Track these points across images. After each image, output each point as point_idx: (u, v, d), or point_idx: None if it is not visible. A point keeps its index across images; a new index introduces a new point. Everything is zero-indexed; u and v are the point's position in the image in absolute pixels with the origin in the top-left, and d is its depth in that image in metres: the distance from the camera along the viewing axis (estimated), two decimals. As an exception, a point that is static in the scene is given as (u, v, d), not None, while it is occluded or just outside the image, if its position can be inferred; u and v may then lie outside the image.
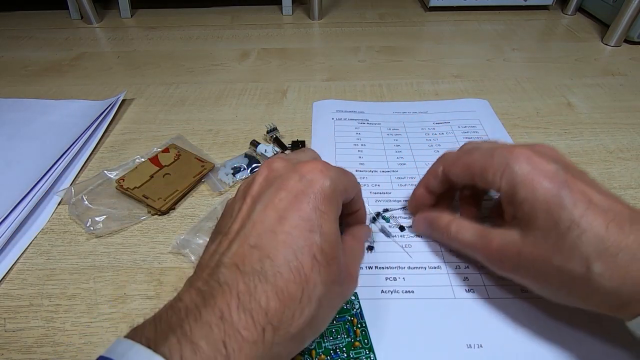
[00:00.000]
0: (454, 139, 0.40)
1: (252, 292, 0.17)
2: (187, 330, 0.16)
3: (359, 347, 0.23)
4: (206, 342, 0.16)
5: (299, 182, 0.20)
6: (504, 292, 0.27)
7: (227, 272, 0.18)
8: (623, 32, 0.58)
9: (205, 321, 0.16)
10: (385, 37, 0.65)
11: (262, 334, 0.17)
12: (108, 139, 0.42)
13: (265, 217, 0.19)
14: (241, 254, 0.19)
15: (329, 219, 0.20)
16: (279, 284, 0.17)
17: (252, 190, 0.22)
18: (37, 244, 0.31)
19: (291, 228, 0.19)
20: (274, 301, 0.17)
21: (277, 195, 0.20)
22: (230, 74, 0.54)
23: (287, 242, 0.18)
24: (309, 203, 0.20)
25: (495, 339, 0.24)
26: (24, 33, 0.68)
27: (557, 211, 0.20)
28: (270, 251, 0.18)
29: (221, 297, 0.17)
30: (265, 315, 0.17)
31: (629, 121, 0.43)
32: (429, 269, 0.28)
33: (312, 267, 0.18)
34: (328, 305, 0.20)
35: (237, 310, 0.17)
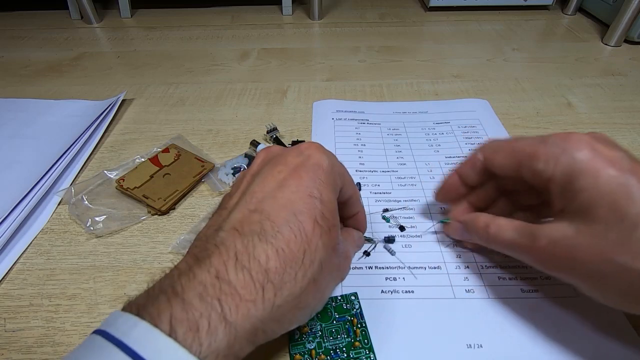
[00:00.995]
0: (454, 139, 0.40)
1: (251, 251, 0.17)
2: (179, 289, 0.16)
3: (359, 347, 0.23)
4: (199, 299, 0.15)
5: (297, 157, 0.21)
6: (504, 292, 0.27)
7: (225, 235, 0.18)
8: (623, 32, 0.58)
9: (199, 280, 0.16)
10: (385, 37, 0.65)
11: (261, 293, 0.16)
12: (108, 139, 0.42)
13: (265, 186, 0.19)
14: (240, 219, 0.18)
15: (328, 189, 0.20)
16: (279, 243, 0.17)
17: (251, 170, 0.22)
18: (37, 244, 0.31)
19: (291, 193, 0.19)
20: (275, 260, 0.17)
21: (276, 168, 0.20)
22: (230, 74, 0.54)
23: (287, 206, 0.18)
24: (307, 173, 0.20)
25: (495, 339, 0.24)
26: (24, 33, 0.68)
27: (624, 203, 0.18)
28: (270, 213, 0.18)
29: (217, 257, 0.17)
30: (266, 274, 0.16)
31: (629, 121, 0.43)
32: (429, 269, 0.28)
33: (313, 229, 0.18)
34: (328, 275, 0.20)
35: (235, 269, 0.16)
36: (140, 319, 0.15)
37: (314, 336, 0.24)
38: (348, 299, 0.26)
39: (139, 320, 0.15)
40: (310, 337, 0.24)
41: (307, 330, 0.24)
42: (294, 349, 0.23)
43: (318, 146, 0.22)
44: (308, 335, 0.24)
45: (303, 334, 0.24)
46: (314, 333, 0.24)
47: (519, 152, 0.23)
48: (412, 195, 0.34)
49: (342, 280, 0.23)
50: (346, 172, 0.23)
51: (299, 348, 0.24)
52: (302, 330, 0.24)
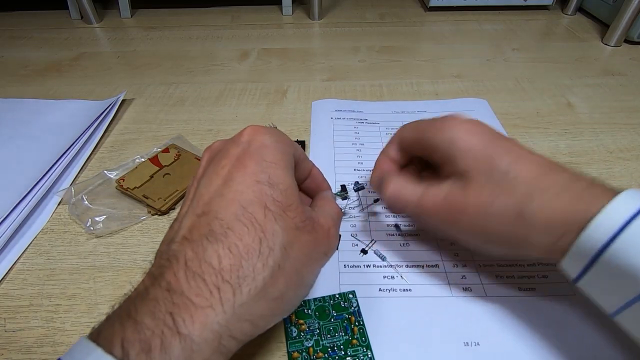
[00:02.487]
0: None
1: (201, 256, 0.16)
2: (132, 311, 0.15)
3: (356, 345, 0.24)
4: (151, 317, 0.15)
5: (237, 147, 0.20)
6: (502, 290, 0.27)
7: (176, 246, 0.17)
8: (623, 32, 0.58)
9: (151, 298, 0.15)
10: (385, 37, 0.65)
11: (218, 296, 0.16)
12: (108, 139, 0.42)
13: (210, 186, 0.19)
14: (189, 226, 0.18)
15: (278, 167, 0.19)
16: (231, 240, 0.17)
17: (197, 174, 0.21)
18: (37, 244, 0.31)
19: (237, 185, 0.18)
20: (228, 258, 0.16)
21: (220, 163, 0.20)
22: (230, 74, 0.54)
23: (234, 199, 0.18)
24: (251, 158, 0.19)
25: (492, 337, 0.24)
26: (24, 33, 0.68)
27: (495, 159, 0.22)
28: (218, 212, 0.18)
29: (168, 271, 0.16)
30: (220, 275, 0.16)
31: (629, 121, 0.43)
32: (427, 267, 0.28)
33: (265, 216, 0.18)
34: (300, 256, 0.19)
35: (186, 278, 0.16)
36: (96, 346, 0.14)
37: (312, 334, 0.24)
38: (346, 297, 0.26)
39: (94, 347, 0.14)
40: (308, 334, 0.24)
41: (305, 328, 0.24)
42: (291, 347, 0.24)
43: (256, 128, 0.21)
44: (306, 333, 0.24)
45: (301, 332, 0.24)
46: (312, 331, 0.24)
47: (419, 127, 0.26)
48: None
49: (327, 256, 0.21)
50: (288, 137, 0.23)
51: (296, 345, 0.24)
52: (300, 328, 0.24)
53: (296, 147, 0.23)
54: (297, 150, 0.23)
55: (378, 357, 0.23)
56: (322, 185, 0.27)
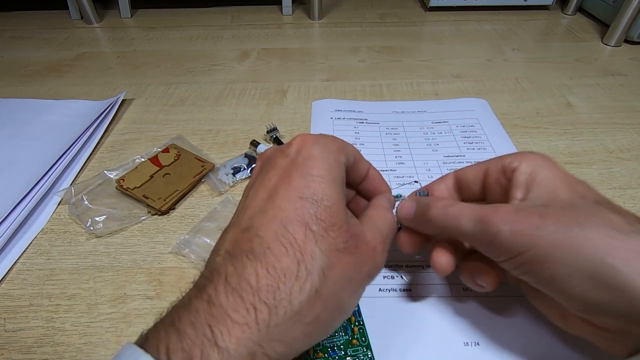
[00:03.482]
0: (452, 139, 0.40)
1: (241, 273, 0.16)
2: (176, 320, 0.16)
3: (356, 345, 0.24)
4: (192, 327, 0.15)
5: (285, 157, 0.20)
6: (501, 290, 0.27)
7: (219, 259, 0.18)
8: (623, 32, 0.58)
9: (193, 308, 0.16)
10: (385, 37, 0.65)
11: (254, 315, 0.16)
12: (108, 139, 0.42)
13: (256, 200, 0.19)
14: (233, 240, 0.18)
15: (324, 182, 0.19)
16: (269, 260, 0.16)
17: (249, 182, 0.21)
18: (37, 244, 0.31)
19: (280, 201, 0.18)
20: (265, 278, 0.16)
21: (267, 175, 0.20)
22: (230, 74, 0.54)
23: (276, 217, 0.17)
24: (297, 171, 0.19)
25: (492, 337, 0.24)
26: (24, 33, 0.68)
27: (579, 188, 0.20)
28: (259, 229, 0.17)
29: (210, 283, 0.16)
30: (257, 294, 0.16)
31: (629, 121, 0.43)
32: (427, 268, 0.28)
33: (305, 237, 0.17)
34: (340, 279, 0.18)
35: (225, 293, 0.16)
36: (144, 352, 0.15)
37: None
38: (347, 298, 0.26)
39: (142, 352, 0.15)
40: None
41: None
42: None
43: (305, 138, 0.20)
44: None
45: None
46: None
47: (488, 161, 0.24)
48: (411, 195, 0.34)
49: (372, 277, 0.20)
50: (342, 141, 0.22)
51: None
52: None
53: (348, 151, 0.22)
54: (350, 154, 0.22)
55: (378, 357, 0.23)
56: (380, 187, 0.25)
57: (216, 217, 0.32)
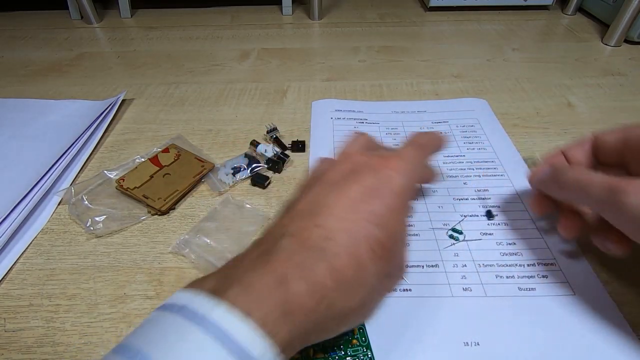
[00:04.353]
0: (452, 138, 0.40)
1: (312, 265, 0.18)
2: (251, 283, 0.17)
3: (356, 345, 0.24)
4: (268, 295, 0.17)
5: (373, 178, 0.21)
6: (501, 290, 0.27)
7: (291, 241, 0.19)
8: (623, 32, 0.58)
9: (267, 281, 0.17)
10: (385, 37, 0.65)
11: (317, 305, 0.17)
12: (108, 139, 0.42)
13: (336, 204, 0.20)
14: (306, 228, 0.19)
15: (397, 215, 0.21)
16: (336, 265, 0.18)
17: (328, 177, 0.22)
18: (37, 244, 0.31)
19: (357, 218, 0.19)
20: (330, 280, 0.18)
21: (351, 186, 0.21)
22: (230, 74, 0.54)
23: (350, 230, 0.19)
24: (379, 198, 0.20)
25: (492, 337, 0.24)
26: (24, 33, 0.68)
27: None
28: (333, 234, 0.19)
29: (283, 262, 0.18)
30: (322, 288, 0.18)
31: (629, 121, 0.43)
32: (427, 267, 0.28)
33: (368, 257, 0.19)
34: (378, 297, 0.21)
35: (298, 276, 0.17)
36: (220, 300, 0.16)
37: None
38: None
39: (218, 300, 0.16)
40: None
41: None
42: None
43: (397, 166, 0.22)
44: None
45: None
46: None
47: (628, 128, 0.24)
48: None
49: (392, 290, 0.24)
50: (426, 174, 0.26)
51: None
52: None
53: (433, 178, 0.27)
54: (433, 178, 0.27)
55: (378, 357, 0.23)
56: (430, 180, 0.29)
57: (216, 217, 0.32)
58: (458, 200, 0.33)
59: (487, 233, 0.31)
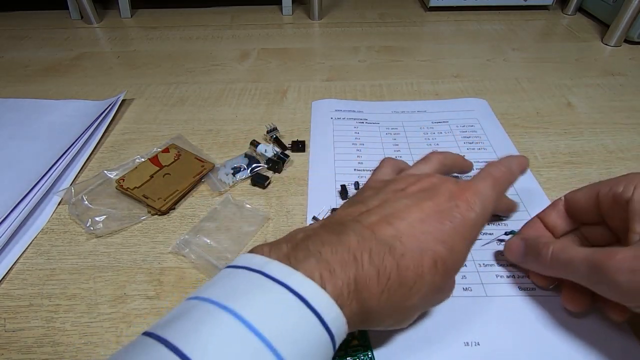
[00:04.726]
0: (452, 138, 0.40)
1: (381, 256, 0.19)
2: (325, 257, 0.18)
3: (357, 345, 0.24)
4: (341, 270, 0.18)
5: (447, 201, 0.21)
6: (502, 290, 0.27)
7: (362, 229, 0.20)
8: (623, 32, 0.58)
9: (340, 257, 0.18)
10: (385, 37, 0.65)
11: (381, 293, 0.18)
12: (108, 139, 0.42)
13: (409, 212, 0.21)
14: (378, 223, 0.20)
15: (463, 241, 0.21)
16: (401, 263, 0.19)
17: (407, 189, 0.23)
18: (37, 244, 0.31)
19: (427, 230, 0.20)
20: (395, 274, 0.19)
21: (426, 202, 0.21)
22: (230, 74, 0.54)
23: (419, 239, 0.20)
24: (450, 221, 0.21)
25: (492, 337, 0.24)
26: (24, 33, 0.68)
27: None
28: (402, 236, 0.20)
29: (356, 244, 0.19)
30: (387, 280, 0.19)
31: (629, 121, 0.43)
32: None
33: (429, 269, 0.19)
34: (424, 305, 0.22)
35: (369, 261, 0.19)
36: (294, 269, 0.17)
37: None
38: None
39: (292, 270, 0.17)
40: None
41: None
42: None
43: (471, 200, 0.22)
44: None
45: None
46: None
47: (597, 186, 0.25)
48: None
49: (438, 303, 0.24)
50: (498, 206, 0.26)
51: None
52: None
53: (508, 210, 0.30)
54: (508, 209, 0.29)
55: (378, 358, 0.23)
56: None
57: (216, 217, 0.32)
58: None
59: (487, 233, 0.31)
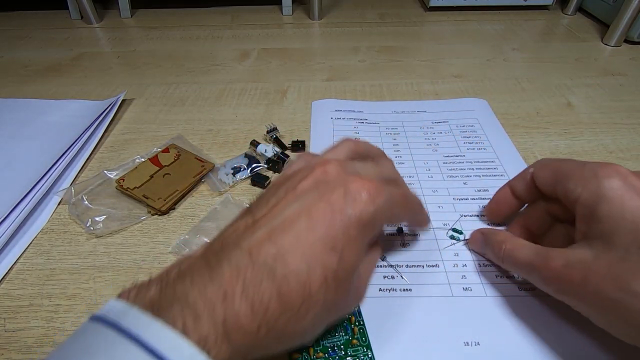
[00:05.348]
0: (452, 138, 0.41)
1: (258, 285, 0.17)
2: (192, 300, 0.16)
3: (356, 345, 0.24)
4: (208, 314, 0.16)
5: (342, 198, 0.19)
6: (502, 290, 0.27)
7: (240, 255, 0.18)
8: (623, 32, 0.58)
9: (208, 297, 0.16)
10: (385, 37, 0.65)
11: (258, 329, 0.17)
12: (108, 139, 0.42)
13: (296, 221, 0.19)
14: (259, 244, 0.18)
15: (356, 245, 0.19)
16: (283, 289, 0.17)
17: (298, 186, 0.20)
18: (37, 244, 0.31)
19: (315, 242, 0.18)
20: (275, 302, 0.17)
21: (316, 203, 0.19)
22: (230, 74, 0.54)
23: (305, 254, 0.18)
24: (342, 223, 0.19)
25: (492, 337, 0.24)
26: (24, 33, 0.68)
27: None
28: (286, 255, 0.18)
29: (228, 278, 0.17)
30: (265, 312, 0.17)
31: (629, 121, 0.43)
32: (427, 267, 0.28)
33: (319, 287, 0.18)
34: (324, 321, 0.20)
35: (241, 296, 0.17)
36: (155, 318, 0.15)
37: None
38: (347, 298, 0.26)
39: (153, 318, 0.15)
40: None
41: None
42: None
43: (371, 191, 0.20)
44: None
45: None
46: None
47: (559, 169, 0.24)
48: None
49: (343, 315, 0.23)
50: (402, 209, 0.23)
51: None
52: None
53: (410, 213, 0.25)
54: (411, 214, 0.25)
55: (378, 357, 0.23)
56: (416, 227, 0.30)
57: (216, 217, 0.32)
58: (458, 200, 0.33)
59: None
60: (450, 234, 0.30)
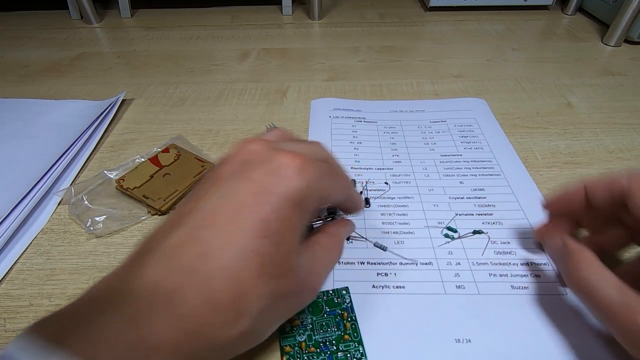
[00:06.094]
0: (450, 138, 0.41)
1: (177, 292, 0.15)
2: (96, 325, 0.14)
3: (348, 340, 0.24)
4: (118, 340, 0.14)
5: (268, 175, 0.17)
6: (494, 288, 0.27)
7: (158, 264, 0.16)
8: (623, 32, 0.58)
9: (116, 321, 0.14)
10: (385, 37, 0.65)
11: (178, 343, 0.15)
12: (108, 139, 0.43)
13: (220, 209, 0.17)
14: (180, 244, 0.16)
15: (291, 226, 0.17)
16: (209, 290, 0.15)
17: (222, 173, 0.19)
18: (37, 244, 0.31)
19: (243, 228, 0.16)
20: (200, 307, 0.15)
21: (241, 184, 0.17)
22: (230, 74, 0.54)
23: (232, 244, 0.16)
24: (271, 203, 0.17)
25: (483, 334, 0.24)
26: (24, 33, 0.68)
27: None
28: (211, 250, 0.16)
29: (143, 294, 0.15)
30: (190, 322, 0.15)
31: (629, 121, 0.43)
32: (420, 265, 0.28)
33: (254, 278, 0.16)
34: (274, 318, 0.18)
35: (156, 313, 0.15)
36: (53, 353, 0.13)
37: (305, 329, 0.24)
38: (339, 293, 0.26)
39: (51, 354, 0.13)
40: (300, 329, 0.24)
41: (297, 323, 0.24)
42: (284, 341, 0.24)
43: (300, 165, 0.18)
44: (299, 327, 0.24)
45: (294, 327, 0.24)
46: (305, 326, 0.24)
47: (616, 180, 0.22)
48: (406, 192, 0.34)
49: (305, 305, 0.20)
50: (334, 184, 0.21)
51: (289, 340, 0.24)
52: (292, 322, 0.24)
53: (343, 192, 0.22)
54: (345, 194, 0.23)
55: (369, 353, 0.23)
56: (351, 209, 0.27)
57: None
58: (454, 199, 0.34)
59: (481, 231, 0.31)
60: (445, 232, 0.31)
